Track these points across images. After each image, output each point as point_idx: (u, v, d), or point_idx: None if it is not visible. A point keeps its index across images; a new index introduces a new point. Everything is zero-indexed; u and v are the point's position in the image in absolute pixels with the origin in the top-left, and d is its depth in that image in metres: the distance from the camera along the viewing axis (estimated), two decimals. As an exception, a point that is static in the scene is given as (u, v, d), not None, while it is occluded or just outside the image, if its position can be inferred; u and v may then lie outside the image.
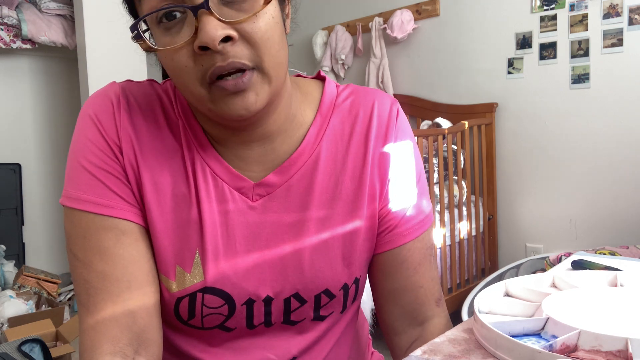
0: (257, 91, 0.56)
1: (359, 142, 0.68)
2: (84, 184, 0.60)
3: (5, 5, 2.94)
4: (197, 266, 0.61)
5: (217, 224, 0.63)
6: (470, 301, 2.28)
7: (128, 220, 0.61)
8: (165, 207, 0.62)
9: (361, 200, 0.67)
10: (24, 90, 3.35)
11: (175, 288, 0.61)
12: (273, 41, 0.56)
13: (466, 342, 0.63)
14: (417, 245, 0.71)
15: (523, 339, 0.59)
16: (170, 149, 0.63)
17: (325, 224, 0.65)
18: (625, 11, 2.32)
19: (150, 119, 0.63)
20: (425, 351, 0.61)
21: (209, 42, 0.52)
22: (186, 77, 0.55)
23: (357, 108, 0.69)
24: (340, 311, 0.68)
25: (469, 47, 2.83)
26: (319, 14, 3.54)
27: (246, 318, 0.64)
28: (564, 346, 0.54)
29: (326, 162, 0.66)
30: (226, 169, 0.64)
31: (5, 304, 2.28)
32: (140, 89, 0.65)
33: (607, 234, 2.43)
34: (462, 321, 0.75)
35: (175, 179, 0.62)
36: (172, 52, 0.54)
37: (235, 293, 0.62)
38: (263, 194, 0.64)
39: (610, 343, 0.52)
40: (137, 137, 0.62)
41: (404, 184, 0.70)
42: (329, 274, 0.65)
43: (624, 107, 2.35)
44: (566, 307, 0.62)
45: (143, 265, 0.61)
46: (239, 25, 0.54)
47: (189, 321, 0.63)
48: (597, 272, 0.75)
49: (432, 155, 2.34)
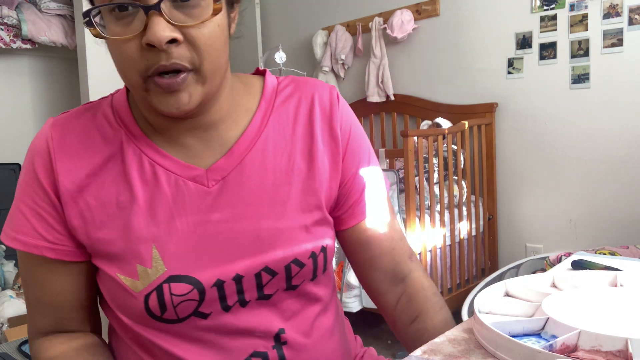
0: (191, 92, 0.61)
1: (305, 123, 0.72)
2: (18, 224, 0.66)
3: (5, 5, 2.94)
4: (156, 260, 0.64)
5: (172, 216, 0.65)
6: (470, 301, 2.28)
7: (56, 260, 0.67)
8: (113, 217, 0.65)
9: (315, 175, 0.71)
10: (24, 91, 3.35)
11: (141, 286, 0.64)
12: (215, 47, 0.61)
13: (466, 342, 0.63)
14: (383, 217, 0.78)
15: (523, 339, 0.59)
16: (108, 163, 0.66)
17: (283, 199, 0.69)
18: (625, 11, 2.32)
19: (87, 143, 0.67)
20: (425, 351, 0.61)
21: (156, 42, 0.56)
22: (128, 67, 0.59)
23: (298, 93, 0.74)
24: (311, 278, 0.71)
25: (469, 47, 2.83)
26: (319, 14, 3.54)
27: (219, 299, 0.65)
28: (564, 346, 0.54)
29: (276, 142, 0.70)
30: (176, 163, 0.67)
31: (5, 304, 2.28)
32: (75, 118, 0.69)
33: (607, 234, 2.43)
34: (462, 321, 0.75)
35: (118, 187, 0.66)
36: (120, 42, 0.58)
37: (201, 276, 0.64)
38: (218, 179, 0.67)
39: (610, 343, 0.52)
40: (75, 167, 0.65)
41: (358, 161, 0.76)
42: (294, 244, 0.68)
43: (624, 107, 2.35)
44: (566, 307, 0.62)
45: (69, 296, 0.69)
46: (186, 29, 0.58)
47: (163, 316, 0.64)
48: (597, 272, 0.75)
49: (432, 155, 2.34)
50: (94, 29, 0.59)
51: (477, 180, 2.67)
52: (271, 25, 3.83)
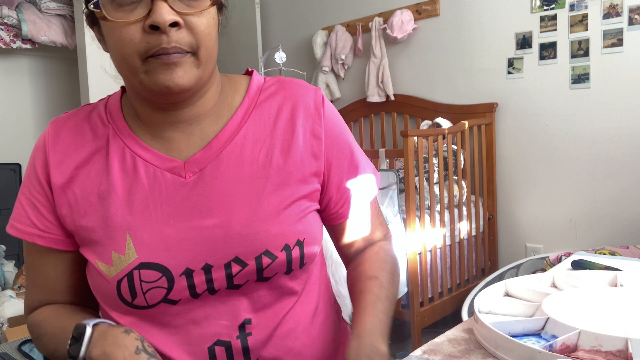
0: (186, 70, 0.65)
1: (287, 120, 0.74)
2: (16, 213, 0.74)
3: (5, 5, 2.94)
4: (129, 247, 0.68)
5: (148, 205, 0.69)
6: (470, 301, 2.28)
7: (46, 247, 0.73)
8: (95, 206, 0.70)
9: (292, 171, 0.72)
10: (24, 90, 3.35)
11: (114, 272, 0.67)
12: (211, 37, 0.67)
13: (466, 342, 0.63)
14: (364, 216, 0.81)
15: (523, 339, 0.59)
16: (94, 156, 0.72)
17: (258, 191, 0.70)
18: (625, 11, 2.32)
19: (78, 139, 0.73)
20: (425, 351, 0.61)
21: (160, 23, 0.61)
22: (127, 49, 0.63)
23: (283, 91, 0.77)
24: (285, 272, 0.71)
25: (469, 47, 2.83)
26: (319, 14, 3.54)
27: (188, 288, 0.67)
28: (564, 346, 0.54)
29: (255, 137, 0.73)
30: (155, 155, 0.71)
31: (5, 304, 2.28)
32: (72, 118, 0.75)
33: (607, 234, 2.44)
34: (462, 321, 0.75)
35: (100, 178, 0.70)
36: (122, 25, 0.63)
37: (170, 264, 0.67)
38: (195, 170, 0.70)
39: (610, 343, 0.52)
40: (65, 160, 0.71)
41: (343, 163, 0.77)
42: (265, 236, 0.69)
43: (624, 107, 2.35)
44: (566, 307, 0.62)
45: (60, 281, 0.75)
46: (186, 16, 0.64)
47: (134, 302, 0.67)
48: (597, 272, 0.75)
49: (432, 155, 2.34)
50: (99, 12, 0.63)
51: (477, 180, 2.67)
52: (271, 25, 3.83)
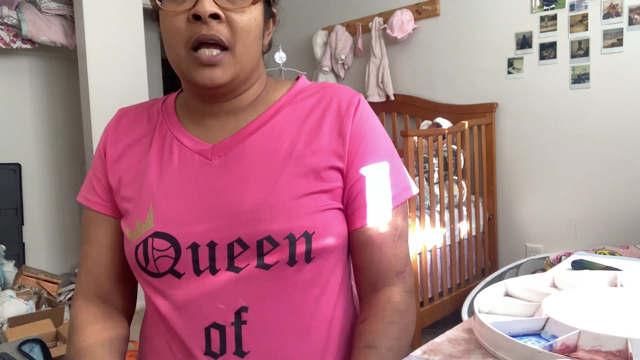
0: (224, 69, 0.71)
1: (316, 118, 0.77)
2: (85, 185, 0.85)
3: (5, 5, 2.94)
4: (149, 217, 0.75)
5: (174, 182, 0.76)
6: (470, 301, 2.28)
7: (101, 213, 0.82)
8: (132, 179, 0.79)
9: (312, 165, 0.74)
10: (24, 90, 3.35)
11: (135, 237, 0.75)
12: (249, 34, 0.71)
13: (466, 342, 0.63)
14: (380, 227, 0.77)
15: (523, 339, 0.59)
16: (143, 139, 0.82)
17: (273, 179, 0.73)
18: (625, 11, 2.32)
19: (134, 124, 0.83)
20: (425, 351, 0.61)
21: (202, 13, 0.67)
22: (176, 38, 0.70)
23: (321, 93, 0.80)
24: (287, 262, 0.70)
25: (469, 47, 2.83)
26: (319, 14, 3.54)
27: (192, 262, 0.72)
28: (564, 346, 0.54)
29: (282, 130, 0.76)
30: (191, 139, 0.78)
31: (5, 304, 2.28)
32: (136, 108, 0.86)
33: (607, 234, 2.44)
34: (462, 321, 0.75)
35: (141, 156, 0.80)
36: (172, 15, 0.70)
37: (180, 236, 0.72)
38: (221, 155, 0.76)
39: (610, 343, 0.52)
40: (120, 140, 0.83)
41: (366, 165, 0.76)
42: (270, 222, 0.70)
43: (624, 107, 2.35)
44: (566, 307, 0.62)
45: (111, 250, 0.82)
46: (227, 12, 0.69)
47: (147, 267, 0.73)
48: (597, 272, 0.75)
49: (432, 155, 2.34)
50: (157, 3, 0.71)
51: (477, 180, 2.67)
52: (271, 25, 3.83)
